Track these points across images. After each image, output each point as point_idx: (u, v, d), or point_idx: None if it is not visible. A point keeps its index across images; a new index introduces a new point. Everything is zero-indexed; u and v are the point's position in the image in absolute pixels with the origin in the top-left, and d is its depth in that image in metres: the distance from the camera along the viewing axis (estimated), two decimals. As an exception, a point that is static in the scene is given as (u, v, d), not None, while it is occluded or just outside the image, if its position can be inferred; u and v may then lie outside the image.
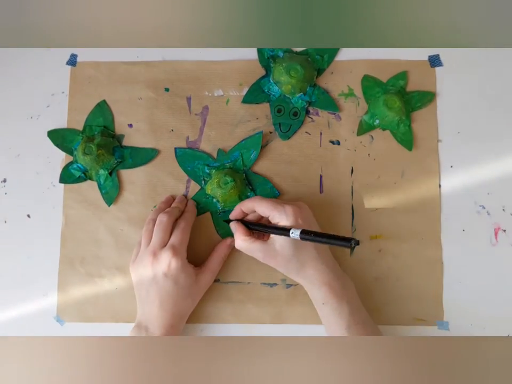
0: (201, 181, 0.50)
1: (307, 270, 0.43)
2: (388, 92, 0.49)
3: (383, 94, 0.49)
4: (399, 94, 0.49)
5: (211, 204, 0.49)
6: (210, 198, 0.49)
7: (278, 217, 0.42)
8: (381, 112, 0.49)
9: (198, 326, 0.48)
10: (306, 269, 0.43)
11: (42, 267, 0.49)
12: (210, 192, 0.48)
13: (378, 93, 0.50)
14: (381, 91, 0.50)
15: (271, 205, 0.43)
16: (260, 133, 0.50)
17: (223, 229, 0.49)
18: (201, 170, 0.50)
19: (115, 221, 0.50)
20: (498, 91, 0.50)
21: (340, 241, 0.38)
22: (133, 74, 0.52)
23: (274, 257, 0.43)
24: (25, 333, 0.49)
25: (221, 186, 0.47)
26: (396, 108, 0.48)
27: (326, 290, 0.43)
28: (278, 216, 0.42)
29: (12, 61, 0.53)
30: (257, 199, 0.44)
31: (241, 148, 0.50)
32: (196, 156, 0.50)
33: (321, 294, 0.43)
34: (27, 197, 0.51)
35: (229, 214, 0.48)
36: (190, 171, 0.50)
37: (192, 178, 0.50)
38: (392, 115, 0.48)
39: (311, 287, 0.44)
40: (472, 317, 0.47)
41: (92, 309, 0.48)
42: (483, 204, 0.49)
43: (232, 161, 0.50)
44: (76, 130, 0.51)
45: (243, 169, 0.49)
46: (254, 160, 0.49)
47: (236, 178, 0.48)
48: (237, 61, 0.52)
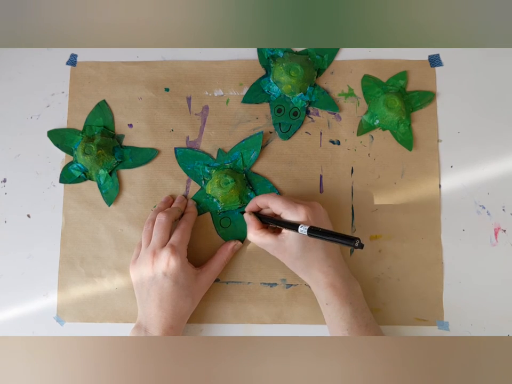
0: (201, 181, 0.50)
1: (313, 270, 0.43)
2: (388, 92, 0.49)
3: (383, 94, 0.49)
4: (399, 94, 0.49)
5: (211, 204, 0.49)
6: (211, 198, 0.49)
7: (290, 215, 0.43)
8: (381, 112, 0.49)
9: (198, 326, 0.48)
10: (312, 269, 0.43)
11: (42, 267, 0.49)
12: (211, 192, 0.49)
13: (378, 93, 0.50)
14: (381, 91, 0.50)
15: (284, 204, 0.43)
16: (260, 133, 0.50)
17: (223, 229, 0.49)
18: (202, 170, 0.50)
19: (115, 221, 0.50)
20: (498, 91, 0.50)
21: (344, 240, 0.38)
22: (133, 74, 0.52)
23: (283, 252, 0.44)
24: (25, 333, 0.49)
25: (221, 186, 0.47)
26: (396, 108, 0.48)
27: (330, 291, 0.43)
28: (290, 215, 0.43)
29: (12, 61, 0.53)
30: (272, 196, 0.45)
31: (241, 148, 0.50)
32: (196, 155, 0.50)
33: (325, 295, 0.43)
34: (27, 197, 0.51)
35: (229, 214, 0.48)
36: (190, 171, 0.50)
37: (192, 178, 0.50)
38: (392, 115, 0.48)
39: (316, 287, 0.44)
40: (472, 317, 0.47)
41: (91, 309, 0.48)
42: (483, 204, 0.49)
43: (232, 161, 0.50)
44: (76, 130, 0.51)
45: (243, 169, 0.49)
46: (254, 160, 0.49)
47: (236, 178, 0.48)
48: (237, 61, 0.52)
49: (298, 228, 0.41)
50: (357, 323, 0.42)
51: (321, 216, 0.44)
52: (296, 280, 0.48)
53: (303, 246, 0.43)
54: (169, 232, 0.45)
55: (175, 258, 0.43)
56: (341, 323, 0.42)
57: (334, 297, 0.43)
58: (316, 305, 0.46)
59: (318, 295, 0.44)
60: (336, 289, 0.43)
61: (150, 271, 0.44)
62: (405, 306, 0.47)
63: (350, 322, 0.42)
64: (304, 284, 0.48)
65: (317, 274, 0.43)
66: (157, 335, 0.43)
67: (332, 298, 0.43)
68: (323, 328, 0.46)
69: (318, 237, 0.40)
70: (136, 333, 0.44)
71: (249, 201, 0.47)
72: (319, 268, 0.43)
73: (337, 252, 0.45)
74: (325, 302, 0.43)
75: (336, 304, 0.43)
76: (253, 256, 0.49)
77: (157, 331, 0.43)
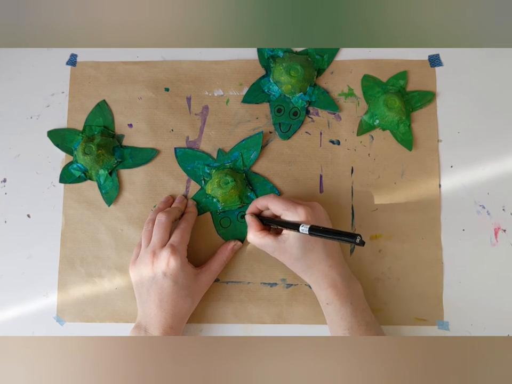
0: (201, 181, 0.50)
1: (313, 271, 0.43)
2: (387, 92, 0.49)
3: (383, 94, 0.49)
4: (399, 94, 0.49)
5: (211, 204, 0.49)
6: (210, 198, 0.49)
7: (290, 216, 0.43)
8: (380, 112, 0.49)
9: (198, 326, 0.48)
10: (312, 270, 0.43)
11: (42, 267, 0.49)
12: (211, 192, 0.49)
13: (378, 93, 0.50)
14: (381, 91, 0.50)
15: (284, 205, 0.43)
16: (260, 133, 0.50)
17: (223, 229, 0.49)
18: (201, 170, 0.50)
19: (115, 221, 0.50)
20: (498, 91, 0.50)
21: (345, 237, 0.38)
22: (133, 74, 0.52)
23: (283, 254, 0.44)
24: (25, 333, 0.49)
25: (221, 186, 0.47)
26: (395, 107, 0.48)
27: (331, 291, 0.43)
28: (290, 216, 0.43)
29: (12, 61, 0.53)
30: (271, 197, 0.45)
31: (241, 147, 0.50)
32: (195, 155, 0.50)
33: (326, 295, 0.43)
34: (27, 197, 0.51)
35: (228, 214, 0.49)
36: (190, 171, 0.50)
37: (192, 178, 0.50)
38: (392, 115, 0.48)
39: (317, 288, 0.44)
40: (472, 317, 0.47)
41: (91, 309, 0.48)
42: (483, 203, 0.49)
43: (232, 161, 0.50)
44: (76, 130, 0.51)
45: (243, 169, 0.50)
46: (254, 160, 0.49)
47: (236, 178, 0.48)
48: (237, 61, 0.52)
49: (300, 227, 0.41)
50: (357, 322, 0.42)
51: (321, 216, 0.44)
52: (296, 280, 0.48)
53: (303, 246, 0.43)
54: (169, 232, 0.45)
55: (175, 258, 0.43)
56: (341, 323, 0.42)
57: (335, 297, 0.43)
58: (316, 305, 0.46)
59: (319, 295, 0.44)
60: (337, 289, 0.43)
61: (149, 271, 0.44)
62: (405, 306, 0.47)
63: (351, 321, 0.42)
64: (305, 283, 0.48)
65: (317, 275, 0.43)
66: (156, 335, 0.43)
67: (333, 299, 0.43)
68: (323, 328, 0.46)
69: (320, 235, 0.40)
70: (136, 332, 0.44)
71: (249, 201, 0.48)
72: (319, 269, 0.43)
73: (338, 252, 0.45)
74: (326, 302, 0.43)
75: (336, 304, 0.43)
76: (253, 256, 0.49)
77: (157, 331, 0.43)
